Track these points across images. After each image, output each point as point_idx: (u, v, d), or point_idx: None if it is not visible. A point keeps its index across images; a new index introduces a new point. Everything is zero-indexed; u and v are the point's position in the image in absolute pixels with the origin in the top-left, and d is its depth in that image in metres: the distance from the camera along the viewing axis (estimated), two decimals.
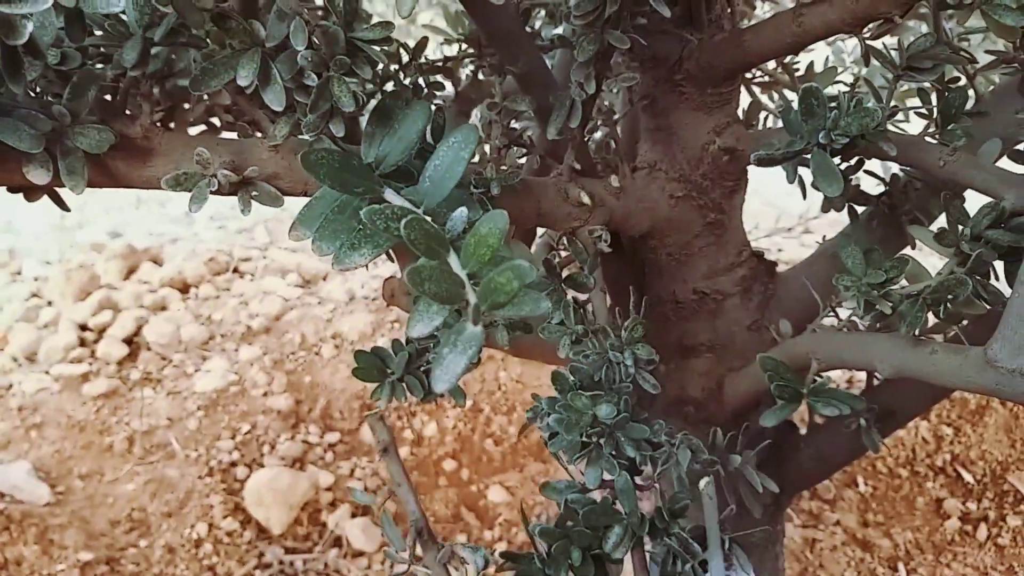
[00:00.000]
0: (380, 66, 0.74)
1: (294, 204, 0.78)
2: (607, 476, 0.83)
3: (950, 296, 0.69)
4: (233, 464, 2.55)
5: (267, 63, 0.63)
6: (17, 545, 2.15)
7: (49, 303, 3.24)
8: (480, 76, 1.38)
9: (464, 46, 1.35)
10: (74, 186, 0.67)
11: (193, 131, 1.01)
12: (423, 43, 1.16)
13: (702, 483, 0.83)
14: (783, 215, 3.74)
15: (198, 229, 4.21)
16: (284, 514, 2.39)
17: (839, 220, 1.07)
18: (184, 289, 3.33)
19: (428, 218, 0.54)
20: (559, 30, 1.29)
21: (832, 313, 0.99)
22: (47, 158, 0.67)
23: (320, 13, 0.72)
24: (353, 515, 2.42)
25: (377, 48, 0.66)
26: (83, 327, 3.03)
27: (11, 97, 0.67)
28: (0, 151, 0.65)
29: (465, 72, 1.39)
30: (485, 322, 0.48)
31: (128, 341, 2.98)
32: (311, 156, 0.61)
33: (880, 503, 2.46)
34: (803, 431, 1.25)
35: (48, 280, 3.38)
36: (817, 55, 1.56)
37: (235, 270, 3.56)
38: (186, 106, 1.00)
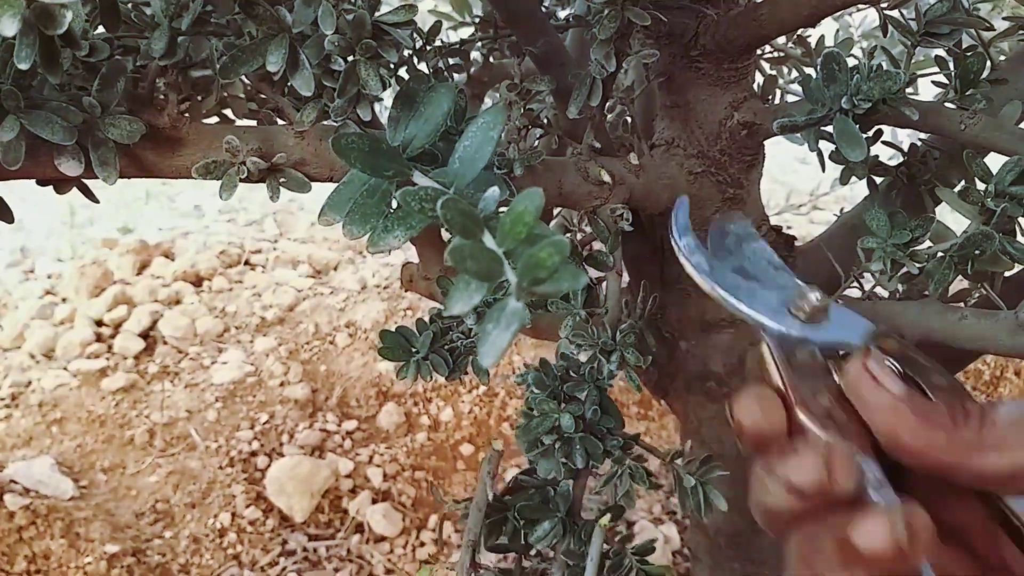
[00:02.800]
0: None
1: (302, 196, 0.79)
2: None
3: (977, 252, 0.69)
4: (253, 454, 2.57)
5: (295, 49, 0.63)
6: (44, 539, 2.17)
7: (64, 300, 3.26)
8: (492, 59, 1.38)
9: (476, 29, 1.35)
10: (107, 177, 0.68)
11: (207, 122, 1.02)
12: (437, 27, 1.17)
13: (604, 519, 0.86)
14: (793, 192, 3.73)
15: (208, 223, 4.22)
16: (305, 502, 2.41)
17: (847, 197, 1.08)
18: (197, 282, 3.35)
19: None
20: (568, 11, 1.29)
21: (855, 284, 1.00)
22: (78, 150, 0.68)
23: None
24: (374, 501, 2.44)
25: (401, 31, 0.66)
26: (99, 323, 3.05)
27: (40, 90, 0.68)
28: (31, 144, 0.66)
29: (475, 55, 1.39)
30: (526, 298, 0.48)
31: (144, 335, 2.99)
32: (342, 141, 0.61)
33: None
34: None
35: (62, 277, 3.40)
36: (825, 30, 1.55)
37: (247, 262, 3.57)
38: (199, 98, 1.01)
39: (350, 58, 0.66)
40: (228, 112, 1.15)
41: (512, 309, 0.49)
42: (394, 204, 0.67)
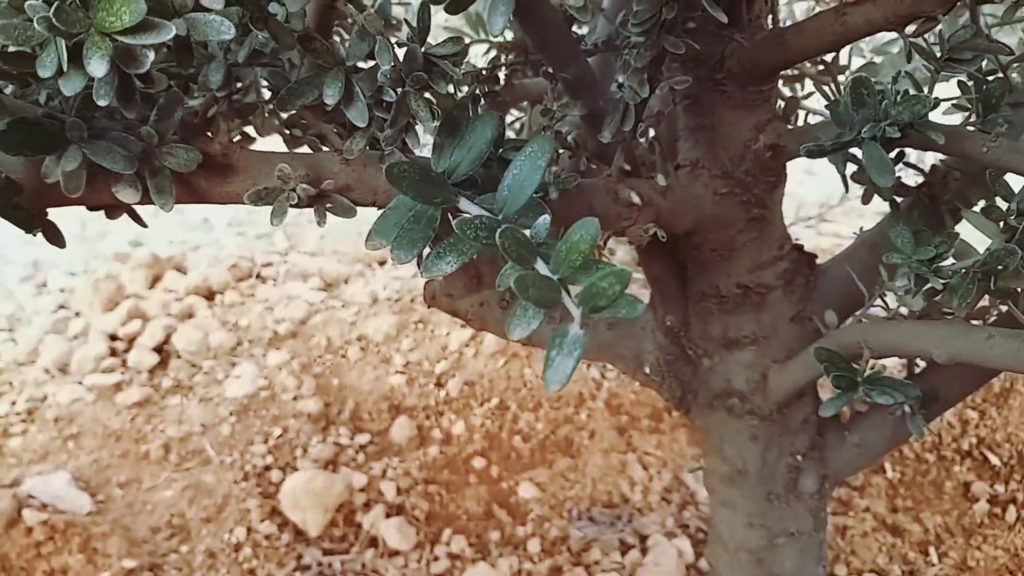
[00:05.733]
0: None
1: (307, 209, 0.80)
2: None
3: (1000, 267, 0.71)
4: (267, 468, 2.58)
5: (350, 81, 0.66)
6: (62, 554, 2.19)
7: (77, 314, 3.28)
8: (514, 80, 1.41)
9: (493, 48, 1.39)
10: (163, 204, 0.70)
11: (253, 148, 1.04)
12: (465, 51, 1.19)
13: None
14: (802, 205, 3.76)
15: (218, 235, 4.25)
16: (320, 516, 2.42)
17: (856, 209, 1.09)
18: (209, 296, 3.37)
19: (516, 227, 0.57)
20: (592, 34, 1.31)
21: (878, 303, 1.02)
22: (135, 178, 0.70)
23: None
24: (388, 515, 2.45)
25: (449, 63, 0.69)
26: (113, 337, 3.07)
27: (98, 120, 0.70)
28: (89, 172, 0.68)
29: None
30: (586, 324, 0.51)
31: (158, 349, 3.01)
32: (394, 169, 0.63)
33: (908, 488, 2.48)
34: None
35: (75, 291, 3.42)
36: None
37: (258, 276, 3.59)
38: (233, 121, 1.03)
39: (399, 89, 0.68)
40: (250, 130, 1.18)
41: (574, 336, 0.51)
42: (436, 228, 0.69)
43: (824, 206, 3.63)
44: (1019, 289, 0.81)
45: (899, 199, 1.10)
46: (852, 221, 3.58)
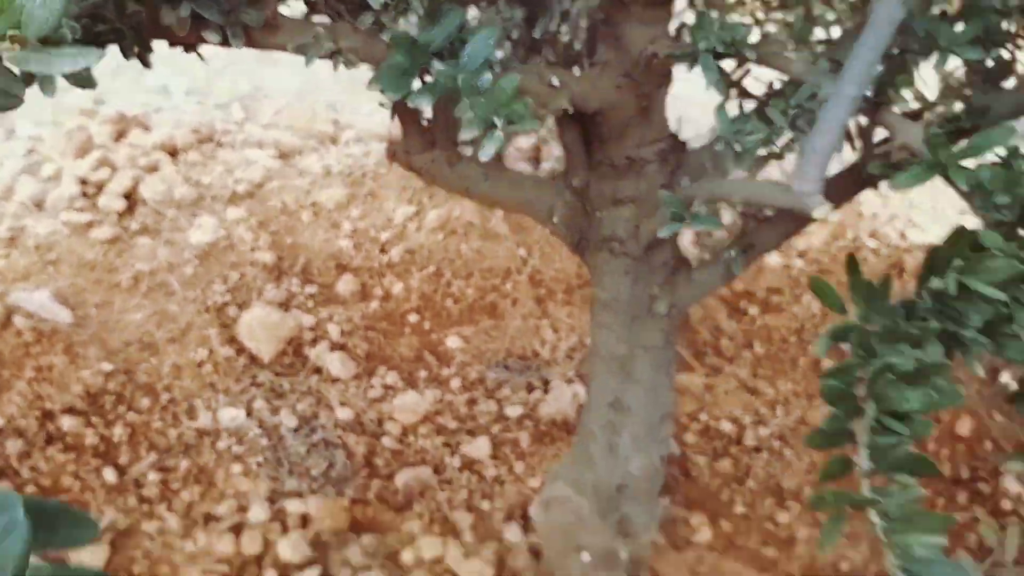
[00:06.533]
0: None
1: (267, 83, 1.17)
2: None
3: (773, 138, 1.14)
4: (226, 304, 2.95)
5: None
6: (48, 355, 2.54)
7: (48, 159, 3.52)
8: None
9: None
10: (237, 44, 1.06)
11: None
12: None
13: None
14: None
15: (177, 102, 4.46)
16: (272, 346, 2.81)
17: None
18: (173, 153, 3.64)
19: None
20: None
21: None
22: (218, 27, 1.06)
23: None
24: (332, 350, 2.86)
25: None
26: (83, 181, 3.34)
27: None
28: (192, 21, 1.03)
29: None
30: (507, 134, 0.90)
31: (126, 196, 3.30)
32: (396, 36, 1.01)
33: (770, 361, 3.00)
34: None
35: (43, 140, 3.65)
36: None
37: (217, 142, 3.86)
38: None
39: None
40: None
41: (496, 136, 0.90)
42: (417, 81, 1.07)
43: None
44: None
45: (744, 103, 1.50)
46: None
